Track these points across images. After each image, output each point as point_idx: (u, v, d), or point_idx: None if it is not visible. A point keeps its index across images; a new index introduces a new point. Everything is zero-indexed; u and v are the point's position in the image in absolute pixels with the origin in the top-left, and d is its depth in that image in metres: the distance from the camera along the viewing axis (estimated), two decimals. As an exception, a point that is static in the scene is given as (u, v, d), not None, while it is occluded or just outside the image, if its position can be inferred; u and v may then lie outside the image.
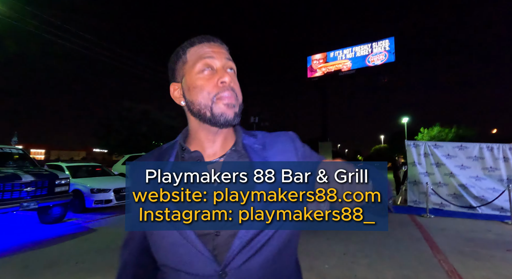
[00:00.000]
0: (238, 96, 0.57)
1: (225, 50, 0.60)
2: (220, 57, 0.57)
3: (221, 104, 0.54)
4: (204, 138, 0.59)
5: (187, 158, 0.58)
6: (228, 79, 0.55)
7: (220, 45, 0.60)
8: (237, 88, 0.58)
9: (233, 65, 0.59)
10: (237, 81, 0.59)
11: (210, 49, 0.57)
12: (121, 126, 19.23)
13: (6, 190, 4.12)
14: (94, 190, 5.98)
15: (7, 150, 5.25)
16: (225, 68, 0.57)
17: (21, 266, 3.10)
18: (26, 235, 4.35)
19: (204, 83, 0.55)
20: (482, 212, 6.28)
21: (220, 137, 0.59)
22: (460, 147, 6.88)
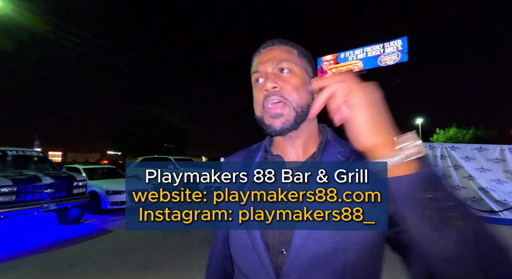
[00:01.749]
0: (289, 98, 0.53)
1: (278, 52, 0.57)
2: (266, 66, 0.56)
3: (268, 116, 0.55)
4: (281, 143, 0.59)
5: (270, 160, 0.59)
6: (270, 84, 0.53)
7: (271, 48, 0.58)
8: (288, 88, 0.53)
9: (286, 64, 0.55)
10: (294, 80, 0.54)
11: (259, 61, 0.58)
12: (135, 129, 19.69)
13: (28, 192, 4.29)
14: (109, 191, 6.13)
15: (28, 153, 5.47)
16: (272, 74, 0.55)
17: (42, 265, 3.21)
18: (45, 235, 4.51)
19: (256, 95, 0.57)
20: (505, 217, 6.01)
21: (298, 140, 0.58)
22: (479, 149, 6.61)
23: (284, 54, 0.57)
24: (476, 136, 23.58)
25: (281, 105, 0.53)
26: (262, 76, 0.56)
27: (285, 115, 0.53)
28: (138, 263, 3.30)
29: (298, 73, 0.56)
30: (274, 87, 0.53)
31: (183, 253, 3.69)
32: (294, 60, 0.57)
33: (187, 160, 10.98)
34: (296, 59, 0.57)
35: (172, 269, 3.14)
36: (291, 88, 0.54)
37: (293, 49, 0.59)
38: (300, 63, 0.57)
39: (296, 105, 0.54)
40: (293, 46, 0.59)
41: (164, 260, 3.41)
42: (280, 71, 0.55)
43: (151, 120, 20.07)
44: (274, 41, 0.59)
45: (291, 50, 0.58)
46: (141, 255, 3.57)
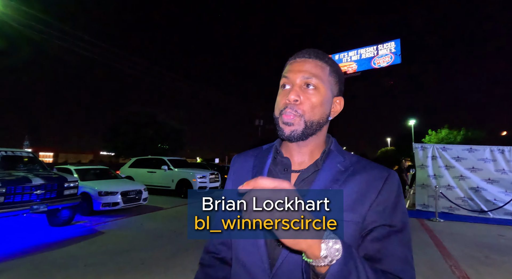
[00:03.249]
0: (303, 114, 0.58)
1: (311, 66, 0.60)
2: (296, 76, 0.59)
3: (281, 121, 0.59)
4: (290, 147, 0.64)
5: (279, 161, 0.64)
6: (293, 96, 0.57)
7: (305, 60, 0.61)
8: (306, 105, 0.58)
9: (314, 81, 0.58)
10: (316, 98, 0.58)
11: (291, 67, 0.61)
12: (128, 129, 19.48)
13: (17, 193, 4.20)
14: (102, 193, 6.04)
15: (18, 153, 5.36)
16: (298, 86, 0.59)
17: (31, 268, 3.14)
18: (35, 237, 4.41)
19: (278, 99, 0.62)
20: (494, 216, 6.14)
21: (305, 149, 0.62)
22: (469, 150, 6.75)
23: (316, 70, 0.60)
24: (467, 137, 24.04)
25: (294, 116, 0.58)
26: (289, 84, 0.60)
27: (295, 125, 0.58)
28: (130, 265, 3.26)
29: (322, 91, 0.59)
30: (295, 100, 0.58)
31: (176, 254, 3.66)
32: (323, 78, 0.60)
33: (181, 161, 10.89)
34: (325, 77, 0.60)
35: (165, 270, 3.11)
36: (309, 104, 0.58)
37: (326, 66, 0.61)
38: (328, 81, 0.61)
39: (308, 119, 0.58)
40: (328, 63, 0.62)
41: (157, 261, 3.38)
42: (306, 85, 0.59)
43: (145, 121, 19.89)
44: (311, 52, 0.62)
45: (324, 67, 0.61)
46: (133, 257, 3.53)
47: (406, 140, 29.89)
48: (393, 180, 0.57)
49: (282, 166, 0.63)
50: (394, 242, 0.52)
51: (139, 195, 6.67)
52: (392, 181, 0.57)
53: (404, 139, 32.99)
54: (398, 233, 0.53)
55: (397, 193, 0.56)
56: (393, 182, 0.57)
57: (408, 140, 27.32)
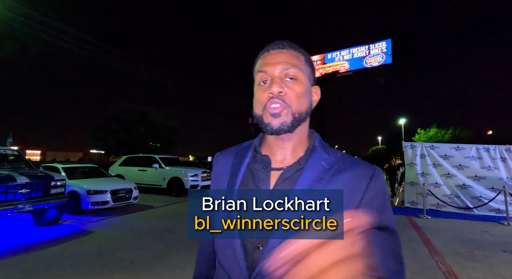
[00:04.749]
0: (290, 104, 0.56)
1: (287, 56, 0.58)
2: (274, 68, 0.57)
3: (268, 114, 0.56)
4: (272, 144, 0.61)
5: (259, 158, 0.61)
6: (276, 89, 0.55)
7: (280, 51, 0.59)
8: (292, 95, 0.56)
9: (293, 71, 0.57)
10: (299, 88, 0.57)
11: (266, 60, 0.59)
12: (119, 127, 19.13)
13: (1, 192, 4.07)
14: (90, 191, 5.93)
15: (2, 151, 5.19)
16: (278, 78, 0.57)
17: (16, 269, 3.06)
18: (20, 237, 4.30)
19: (259, 95, 0.58)
20: (479, 213, 6.32)
21: (288, 144, 0.60)
22: (457, 148, 6.92)
23: (293, 60, 0.58)
24: (455, 136, 24.66)
25: (282, 108, 0.56)
26: (268, 78, 0.58)
27: (283, 116, 0.55)
28: (119, 265, 3.21)
29: (303, 81, 0.58)
30: (280, 92, 0.55)
31: (166, 253, 3.63)
32: (301, 67, 0.58)
33: (173, 159, 10.78)
34: (303, 66, 0.59)
35: (155, 270, 3.07)
36: (294, 95, 0.56)
37: (301, 55, 0.60)
38: (306, 71, 0.59)
39: (296, 110, 0.56)
40: (302, 53, 0.60)
41: (146, 261, 3.34)
42: (286, 76, 0.57)
43: (136, 118, 19.57)
44: (284, 43, 0.60)
45: (299, 56, 0.59)
46: (122, 256, 3.47)
47: (397, 138, 30.46)
48: (378, 178, 0.55)
49: (261, 164, 0.60)
50: (385, 244, 0.50)
51: (129, 194, 6.58)
52: (377, 179, 0.55)
53: (394, 138, 33.61)
54: (389, 234, 0.52)
55: (382, 191, 0.55)
56: (378, 181, 0.55)
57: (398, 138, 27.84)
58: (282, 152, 0.60)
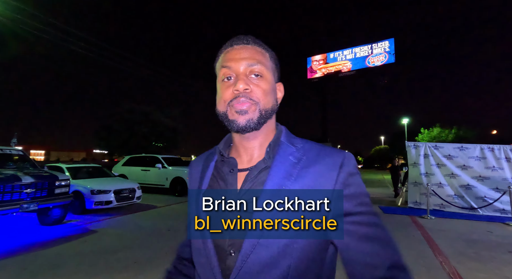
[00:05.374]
0: (258, 101, 0.54)
1: (252, 52, 0.56)
2: (239, 64, 0.55)
3: (233, 111, 0.54)
4: (238, 143, 0.60)
5: (226, 161, 0.60)
6: (242, 86, 0.53)
7: (245, 46, 0.57)
8: (258, 92, 0.54)
9: (258, 67, 0.55)
10: (265, 85, 0.56)
11: (230, 56, 0.57)
12: (122, 127, 19.23)
13: (6, 192, 4.11)
14: (94, 191, 5.97)
15: (7, 151, 5.24)
16: (243, 75, 0.55)
17: (21, 268, 3.08)
18: (25, 237, 4.34)
19: (222, 92, 0.56)
20: (483, 213, 6.27)
21: (254, 143, 0.58)
22: (460, 148, 6.87)
23: (258, 56, 0.56)
24: (458, 135, 24.47)
25: (249, 105, 0.54)
26: (232, 74, 0.56)
27: (250, 113, 0.54)
28: (122, 264, 3.23)
29: (268, 78, 0.57)
30: (246, 89, 0.54)
31: (170, 253, 3.64)
32: (266, 64, 0.57)
33: (176, 159, 10.82)
34: (267, 63, 0.58)
35: (158, 270, 3.08)
36: (261, 92, 0.55)
37: (265, 52, 0.59)
38: (271, 68, 0.58)
39: (262, 108, 0.55)
40: (266, 49, 0.59)
41: (150, 260, 3.35)
42: (252, 73, 0.55)
43: (139, 118, 19.65)
44: (249, 38, 0.58)
45: (264, 53, 0.58)
46: (126, 256, 3.49)
47: (400, 138, 30.29)
48: (348, 166, 0.53)
49: (228, 167, 0.58)
50: (362, 231, 0.49)
51: (132, 194, 6.61)
52: (347, 167, 0.53)
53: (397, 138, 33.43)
54: (366, 218, 0.51)
55: (354, 179, 0.53)
56: (348, 168, 0.53)
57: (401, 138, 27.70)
58: (248, 152, 0.59)
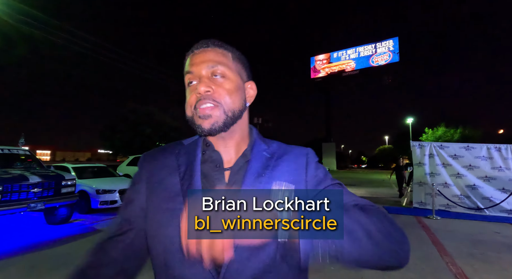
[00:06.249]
0: (221, 103, 0.54)
1: (212, 54, 0.56)
2: (200, 67, 0.55)
3: (198, 116, 0.55)
4: (215, 143, 0.60)
5: (208, 156, 0.59)
6: (203, 88, 0.53)
7: (205, 49, 0.57)
8: (222, 93, 0.54)
9: (220, 68, 0.55)
10: (228, 85, 0.56)
11: (191, 61, 0.57)
12: (126, 127, 19.38)
13: (14, 191, 4.17)
14: (99, 191, 6.03)
15: (14, 151, 5.32)
16: (205, 77, 0.55)
17: (28, 266, 3.13)
18: (33, 235, 4.40)
19: (188, 97, 0.57)
20: (490, 213, 6.19)
21: (231, 141, 0.59)
22: (466, 148, 6.79)
23: (218, 57, 0.56)
24: (464, 135, 24.19)
25: (212, 107, 0.54)
26: (195, 78, 0.56)
27: (214, 117, 0.54)
28: (128, 263, 3.26)
29: (231, 78, 0.56)
30: (207, 91, 0.54)
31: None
32: (228, 64, 0.57)
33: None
34: (230, 63, 0.57)
35: (164, 268, 3.11)
36: (224, 92, 0.55)
37: (227, 52, 0.58)
38: (234, 68, 0.58)
39: (228, 109, 0.55)
40: (228, 50, 0.59)
41: (155, 260, 3.38)
42: (213, 74, 0.56)
43: (143, 119, 19.79)
44: (208, 42, 0.58)
45: (226, 54, 0.58)
46: (131, 255, 3.52)
47: (404, 138, 30.04)
48: (313, 155, 0.63)
49: (212, 163, 0.57)
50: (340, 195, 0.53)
51: (137, 193, 6.66)
52: (312, 155, 0.62)
53: (401, 137, 33.16)
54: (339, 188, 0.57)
55: (320, 164, 0.62)
56: (314, 156, 0.62)
57: (406, 138, 27.46)
58: (227, 150, 0.59)
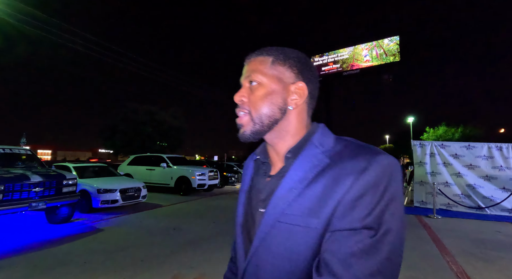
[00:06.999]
0: (250, 110, 0.57)
1: (251, 65, 0.59)
2: (243, 79, 0.60)
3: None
4: (269, 152, 0.62)
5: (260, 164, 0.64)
6: (237, 98, 0.59)
7: (247, 62, 0.61)
8: (252, 100, 0.57)
9: (253, 76, 0.57)
10: (260, 91, 0.56)
11: (243, 70, 0.62)
12: (126, 127, 19.39)
13: (16, 191, 4.19)
14: (100, 190, 6.04)
15: (15, 151, 5.33)
16: (244, 87, 0.60)
17: (30, 265, 3.14)
18: (34, 235, 4.41)
19: None
20: (491, 212, 6.19)
21: (278, 149, 0.58)
22: (467, 147, 6.78)
23: (255, 66, 0.58)
24: (465, 134, 24.12)
25: (242, 116, 0.58)
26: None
27: (244, 126, 0.58)
28: (129, 262, 3.27)
29: (265, 84, 0.56)
30: (240, 100, 0.58)
31: (175, 251, 3.67)
32: (263, 71, 0.57)
33: (180, 158, 10.88)
34: (267, 69, 0.57)
35: (165, 268, 3.12)
36: (254, 100, 0.57)
37: (267, 58, 0.58)
38: (271, 73, 0.56)
39: (255, 116, 0.56)
40: (270, 54, 0.58)
41: (156, 258, 3.39)
42: (250, 83, 0.58)
43: (144, 118, 19.80)
44: (252, 53, 0.61)
45: (265, 60, 0.58)
46: (132, 254, 3.53)
47: (405, 137, 29.97)
48: (372, 171, 0.44)
49: (262, 171, 0.63)
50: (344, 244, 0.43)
51: (138, 193, 6.68)
52: (370, 172, 0.44)
53: (402, 137, 33.08)
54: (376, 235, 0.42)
55: (375, 187, 0.44)
56: (373, 174, 0.44)
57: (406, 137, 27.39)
58: (277, 158, 0.60)
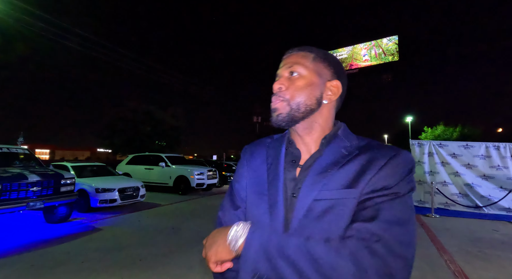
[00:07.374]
0: (288, 97, 0.60)
1: (292, 57, 0.63)
2: (282, 70, 0.63)
3: (271, 111, 0.62)
4: (296, 138, 0.65)
5: (289, 152, 0.65)
6: (276, 85, 0.62)
7: (289, 54, 0.64)
8: (292, 89, 0.60)
9: (295, 67, 0.61)
10: (300, 81, 0.60)
11: (279, 66, 0.65)
12: (125, 126, 19.34)
13: (13, 190, 4.16)
14: (99, 189, 6.02)
15: (13, 150, 5.30)
16: (282, 77, 0.63)
17: (28, 265, 3.13)
18: (32, 234, 4.40)
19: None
20: (489, 212, 6.22)
21: (308, 137, 0.63)
22: (465, 146, 6.81)
23: (297, 59, 0.62)
24: (463, 134, 24.22)
25: (278, 102, 0.61)
26: (277, 79, 0.64)
27: (280, 109, 0.60)
28: (128, 261, 3.26)
29: (306, 75, 0.61)
30: (279, 87, 0.62)
31: (174, 250, 3.67)
32: (305, 64, 0.62)
33: (179, 158, 10.86)
34: (308, 63, 0.62)
35: (163, 267, 3.11)
36: (294, 88, 0.60)
37: (309, 54, 0.63)
38: (313, 67, 0.62)
39: (293, 102, 0.60)
40: (311, 52, 0.64)
41: (155, 258, 3.38)
42: (290, 73, 0.62)
43: (142, 117, 19.76)
44: (294, 48, 0.65)
45: (306, 55, 0.63)
46: (131, 253, 3.53)
47: (403, 137, 30.04)
48: (400, 159, 0.53)
49: (291, 157, 0.63)
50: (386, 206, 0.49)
51: (136, 192, 6.66)
52: (398, 159, 0.53)
53: (401, 136, 33.16)
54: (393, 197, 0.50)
55: (403, 169, 0.52)
56: (400, 160, 0.53)
57: (405, 137, 27.46)
58: (305, 146, 0.63)
